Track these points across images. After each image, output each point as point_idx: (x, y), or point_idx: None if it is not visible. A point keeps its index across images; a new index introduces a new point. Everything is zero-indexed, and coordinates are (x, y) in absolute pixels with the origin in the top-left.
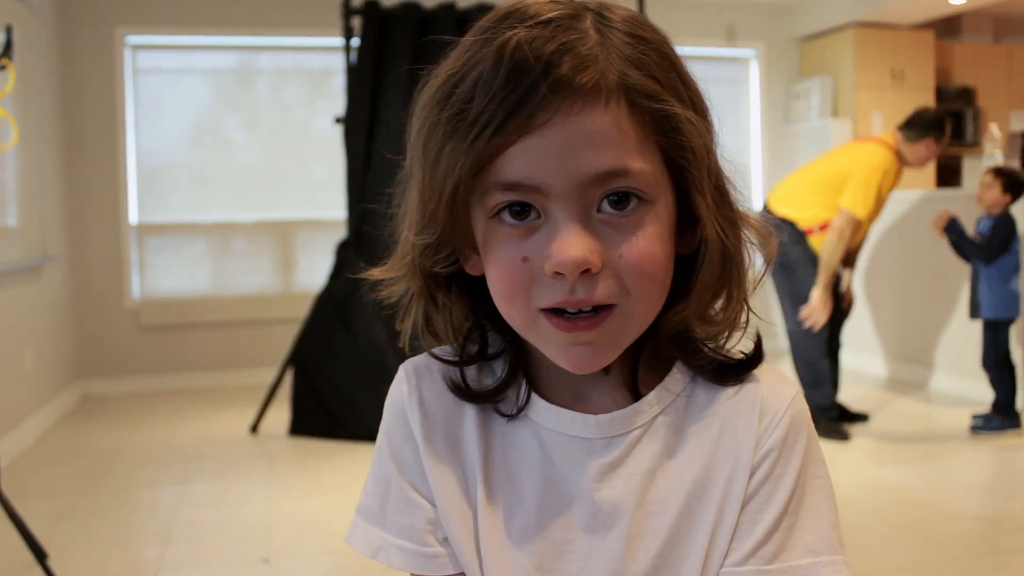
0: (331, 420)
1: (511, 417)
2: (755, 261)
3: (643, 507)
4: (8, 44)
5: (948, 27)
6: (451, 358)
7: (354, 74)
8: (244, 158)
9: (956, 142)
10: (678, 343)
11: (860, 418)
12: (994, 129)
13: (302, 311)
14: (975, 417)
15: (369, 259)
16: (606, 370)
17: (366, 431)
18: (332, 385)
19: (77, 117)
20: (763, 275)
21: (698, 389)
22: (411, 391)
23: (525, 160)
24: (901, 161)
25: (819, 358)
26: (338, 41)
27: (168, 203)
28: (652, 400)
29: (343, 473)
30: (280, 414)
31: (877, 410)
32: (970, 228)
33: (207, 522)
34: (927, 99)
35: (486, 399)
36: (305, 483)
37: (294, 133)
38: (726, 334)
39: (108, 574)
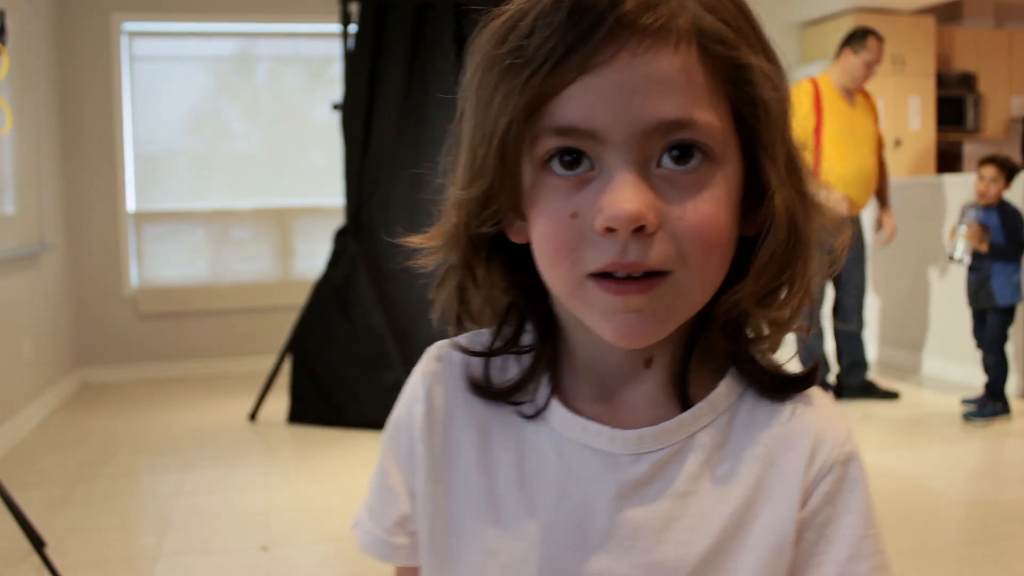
0: (330, 407)
1: (531, 418)
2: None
3: (669, 532)
4: (1, 29)
5: (949, 12)
6: (479, 348)
7: (351, 61)
8: (243, 146)
9: (957, 128)
10: (731, 335)
11: (890, 395)
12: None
13: (301, 298)
14: (966, 402)
15: (368, 248)
16: (648, 362)
17: (365, 418)
18: (331, 372)
19: (74, 105)
20: (833, 268)
21: (745, 405)
22: (425, 378)
23: (583, 101)
24: (843, 90)
25: (814, 340)
26: (337, 28)
27: (166, 191)
28: (693, 416)
29: (342, 460)
30: (279, 402)
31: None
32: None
33: (206, 509)
34: (928, 85)
35: (503, 397)
36: (304, 470)
37: (293, 121)
38: (783, 333)
39: (106, 562)
